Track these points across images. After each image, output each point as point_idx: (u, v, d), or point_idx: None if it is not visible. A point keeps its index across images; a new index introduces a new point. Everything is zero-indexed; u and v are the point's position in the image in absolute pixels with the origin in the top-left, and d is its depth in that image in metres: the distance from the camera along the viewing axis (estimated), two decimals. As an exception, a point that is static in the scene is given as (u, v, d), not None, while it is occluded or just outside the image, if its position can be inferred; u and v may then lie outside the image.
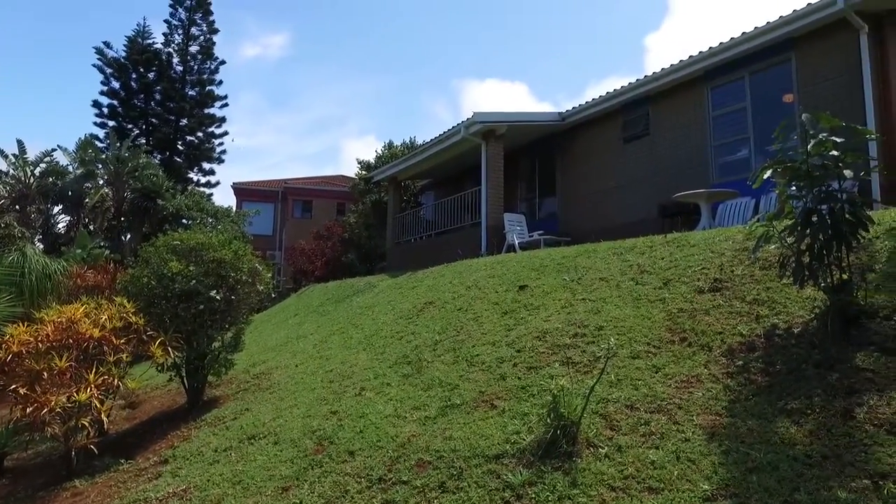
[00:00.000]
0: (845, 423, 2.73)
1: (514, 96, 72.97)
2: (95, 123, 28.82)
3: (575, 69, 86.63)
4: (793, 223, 3.56)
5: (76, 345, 5.30)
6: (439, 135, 13.20)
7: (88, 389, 4.97)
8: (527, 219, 12.57)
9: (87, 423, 5.05)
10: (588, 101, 12.02)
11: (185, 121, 29.96)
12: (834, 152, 3.41)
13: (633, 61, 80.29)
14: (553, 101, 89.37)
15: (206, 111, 30.57)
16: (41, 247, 16.11)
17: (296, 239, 23.07)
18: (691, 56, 9.87)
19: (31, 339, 5.23)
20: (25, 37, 50.98)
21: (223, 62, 30.87)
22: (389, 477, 3.45)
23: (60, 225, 19.24)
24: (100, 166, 18.87)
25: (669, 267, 5.33)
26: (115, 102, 28.84)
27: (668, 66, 10.30)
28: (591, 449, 3.09)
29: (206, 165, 30.97)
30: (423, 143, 15.14)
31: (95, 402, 5.04)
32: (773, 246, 3.87)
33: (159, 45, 29.73)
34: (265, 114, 69.15)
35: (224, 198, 55.36)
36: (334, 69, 71.32)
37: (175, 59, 30.00)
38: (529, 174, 14.45)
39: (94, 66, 28.35)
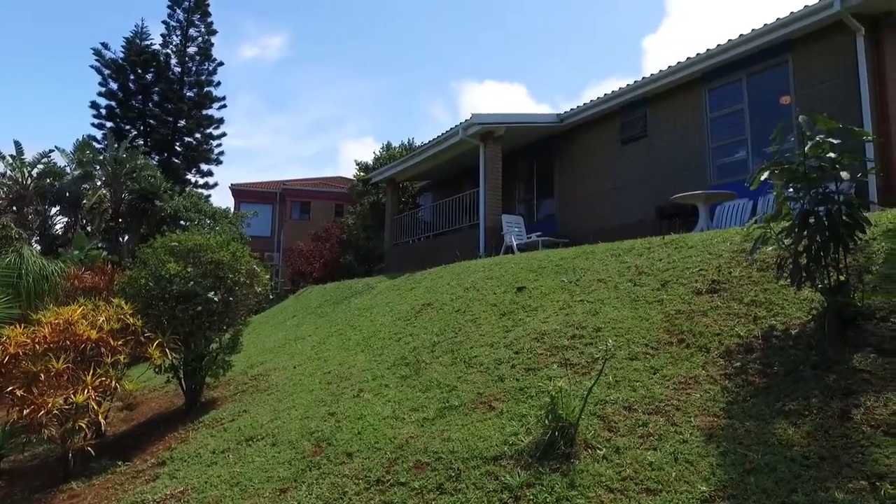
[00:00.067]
0: (842, 425, 2.73)
1: (512, 98, 73.17)
2: (93, 124, 28.80)
3: (573, 71, 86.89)
4: (790, 225, 3.57)
5: (73, 346, 5.28)
6: (437, 136, 13.20)
7: (86, 391, 4.96)
8: (525, 220, 12.57)
9: (84, 425, 5.04)
10: (586, 103, 12.05)
11: (183, 122, 29.92)
12: (831, 154, 3.42)
13: (632, 63, 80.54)
14: (551, 102, 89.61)
15: (204, 112, 30.53)
16: (38, 248, 16.05)
17: (294, 240, 23.07)
18: (689, 58, 9.90)
19: (28, 340, 5.21)
20: (23, 37, 50.98)
21: (221, 63, 30.82)
22: (387, 478, 3.45)
23: (58, 226, 19.22)
24: (97, 167, 18.83)
25: (667, 268, 5.33)
26: (112, 103, 28.78)
27: (665, 68, 10.33)
28: (589, 450, 3.10)
29: (204, 167, 30.92)
30: (422, 144, 15.14)
31: (93, 403, 5.03)
32: (770, 247, 3.88)
33: (157, 46, 29.68)
34: (263, 115, 69.23)
35: (222, 199, 55.60)
36: (333, 70, 71.42)
37: (173, 61, 29.97)
38: (527, 175, 14.46)
39: (91, 67, 28.33)
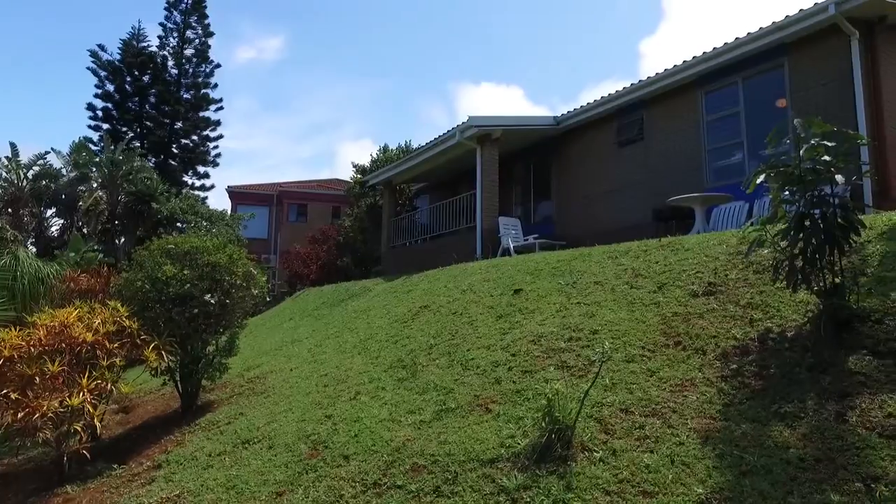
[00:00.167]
0: (838, 427, 2.74)
1: (509, 100, 73.38)
2: (90, 126, 28.78)
3: (570, 73, 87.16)
4: (786, 227, 3.58)
5: (69, 349, 5.25)
6: (434, 139, 13.20)
7: (81, 394, 4.93)
8: (522, 223, 12.59)
9: (79, 428, 5.00)
10: (583, 106, 12.08)
11: (179, 124, 29.91)
12: (826, 157, 3.44)
13: (629, 66, 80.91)
14: (549, 105, 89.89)
15: (201, 114, 30.52)
16: (34, 250, 15.97)
17: (291, 242, 23.04)
18: (685, 61, 9.94)
19: (23, 343, 5.18)
20: (19, 38, 50.85)
21: (218, 65, 30.85)
22: (384, 481, 3.45)
23: (54, 228, 19.11)
24: (94, 169, 18.75)
25: (664, 271, 5.35)
26: (109, 105, 28.75)
27: (662, 71, 10.36)
28: (586, 453, 3.10)
29: (201, 169, 30.94)
30: (419, 146, 15.14)
31: (88, 406, 4.99)
32: (766, 250, 3.90)
33: (154, 48, 29.71)
34: (260, 117, 69.17)
35: (219, 201, 55.23)
36: (330, 72, 71.47)
37: (170, 62, 29.96)
38: (525, 178, 14.48)
39: (88, 69, 28.31)
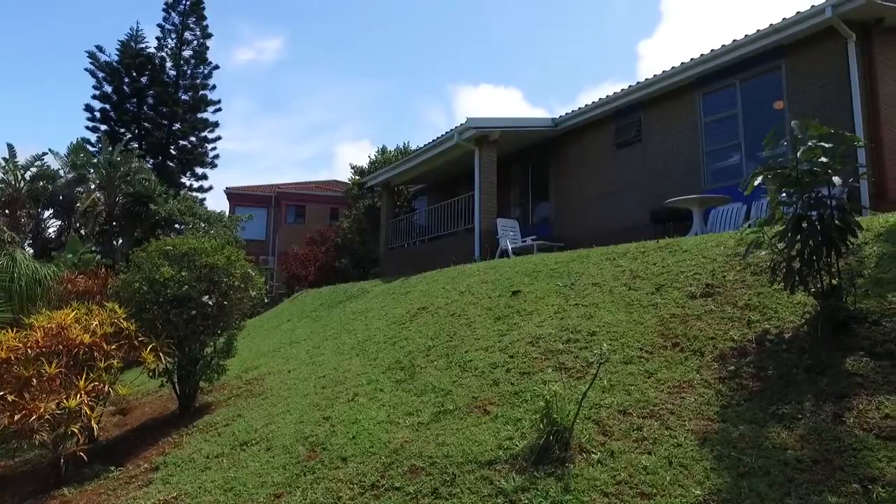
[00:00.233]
0: (835, 428, 2.75)
1: (508, 102, 73.45)
2: (87, 127, 28.81)
3: (569, 75, 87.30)
4: (783, 229, 3.59)
5: (66, 351, 5.24)
6: (433, 140, 13.21)
7: (78, 396, 4.91)
8: (520, 224, 12.60)
9: (76, 430, 4.99)
10: (581, 107, 12.10)
11: (177, 125, 29.90)
12: (823, 159, 3.45)
13: (627, 67, 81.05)
14: (547, 106, 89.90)
15: (199, 116, 30.54)
16: (31, 251, 15.93)
17: (289, 244, 23.05)
18: (683, 63, 9.96)
19: (20, 345, 5.16)
20: (17, 39, 50.75)
21: (217, 67, 30.89)
22: (382, 483, 3.44)
23: (51, 229, 19.06)
24: (91, 170, 18.70)
25: (662, 272, 5.35)
26: (107, 106, 28.76)
27: (660, 73, 10.39)
28: (584, 454, 3.10)
29: (199, 170, 30.96)
30: (417, 148, 15.15)
31: (85, 408, 4.98)
32: (764, 252, 3.90)
33: (153, 50, 29.72)
34: (259, 118, 69.15)
35: (217, 202, 55.53)
36: (328, 74, 71.47)
37: (168, 64, 29.99)
38: (523, 179, 14.49)
39: (86, 70, 28.29)
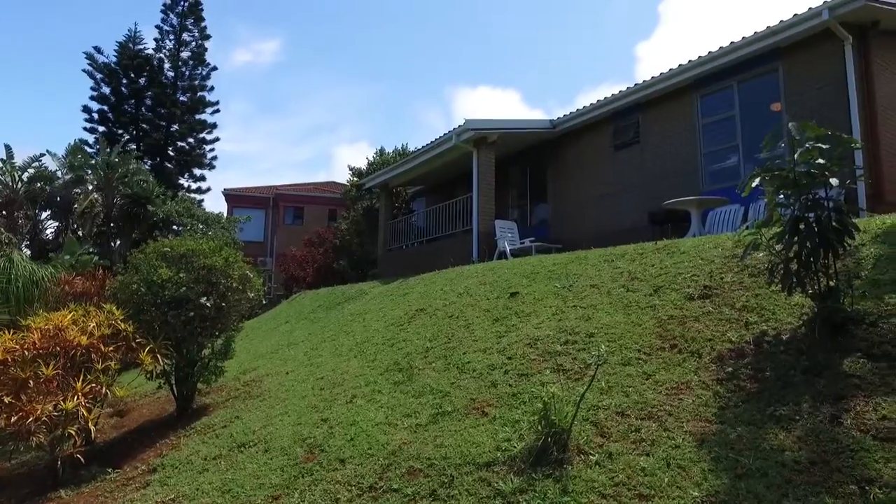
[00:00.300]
0: (833, 430, 2.75)
1: (506, 103, 73.47)
2: (85, 129, 28.75)
3: (567, 77, 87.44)
4: (781, 231, 3.60)
5: (63, 352, 5.22)
6: (431, 142, 13.22)
7: (76, 398, 4.90)
8: (518, 226, 12.61)
9: (73, 432, 4.97)
10: (579, 109, 12.12)
11: (175, 126, 29.88)
12: (820, 161, 3.46)
13: (625, 69, 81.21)
14: (545, 108, 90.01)
15: (198, 117, 30.51)
16: (28, 253, 15.88)
17: (287, 245, 23.00)
18: (681, 65, 9.99)
19: (17, 346, 5.15)
20: (15, 40, 50.66)
21: (215, 68, 30.84)
22: (380, 485, 3.44)
23: (48, 231, 18.99)
24: (89, 172, 18.67)
25: (660, 274, 5.36)
26: (105, 108, 28.74)
27: (657, 75, 10.41)
28: (582, 456, 3.10)
29: (197, 171, 30.92)
30: (415, 150, 15.15)
31: (83, 410, 4.97)
32: (761, 253, 3.92)
33: (151, 51, 29.71)
34: (257, 120, 69.13)
35: (215, 204, 55.38)
36: (326, 75, 71.46)
37: (166, 65, 29.98)
38: (521, 181, 14.50)
39: (84, 71, 28.26)
